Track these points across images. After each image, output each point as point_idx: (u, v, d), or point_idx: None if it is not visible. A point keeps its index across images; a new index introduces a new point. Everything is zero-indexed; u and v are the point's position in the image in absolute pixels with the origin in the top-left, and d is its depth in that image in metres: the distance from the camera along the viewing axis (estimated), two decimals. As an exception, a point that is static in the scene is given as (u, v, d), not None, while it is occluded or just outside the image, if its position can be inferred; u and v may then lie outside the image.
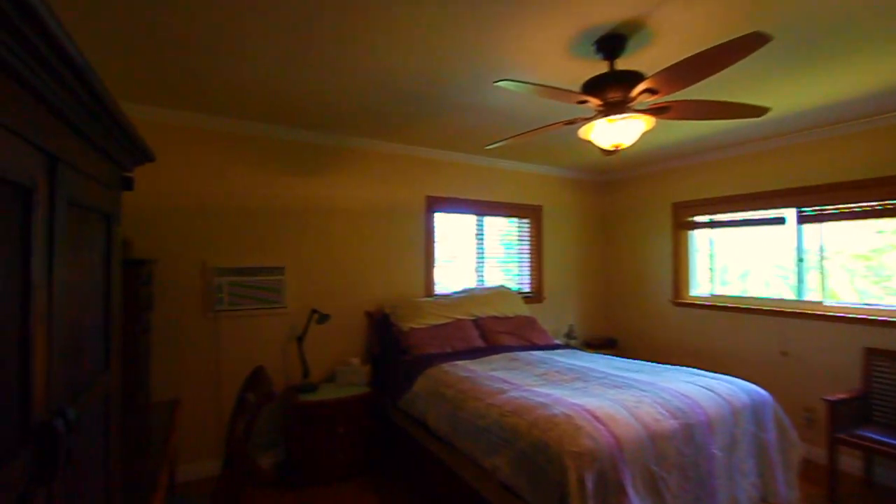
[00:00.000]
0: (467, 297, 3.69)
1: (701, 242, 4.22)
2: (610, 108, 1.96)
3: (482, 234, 4.26)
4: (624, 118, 1.91)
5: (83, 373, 0.91)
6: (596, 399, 2.08)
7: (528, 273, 4.53)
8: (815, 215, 3.38)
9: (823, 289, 3.35)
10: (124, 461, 1.62)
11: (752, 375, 3.57)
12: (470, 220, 4.23)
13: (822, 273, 3.36)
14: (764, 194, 3.64)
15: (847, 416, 2.81)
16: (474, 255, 4.22)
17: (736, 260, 4.03)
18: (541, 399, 2.09)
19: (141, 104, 2.81)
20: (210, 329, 3.05)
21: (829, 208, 3.29)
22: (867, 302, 3.18)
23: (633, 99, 1.90)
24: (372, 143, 3.65)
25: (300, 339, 3.17)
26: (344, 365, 3.28)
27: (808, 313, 3.35)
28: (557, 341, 3.92)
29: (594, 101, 1.91)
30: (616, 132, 1.96)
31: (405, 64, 2.26)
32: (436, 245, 3.98)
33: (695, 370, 2.71)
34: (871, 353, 3.00)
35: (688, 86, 1.72)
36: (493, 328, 3.50)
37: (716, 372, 3.74)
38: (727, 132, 3.40)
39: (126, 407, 2.22)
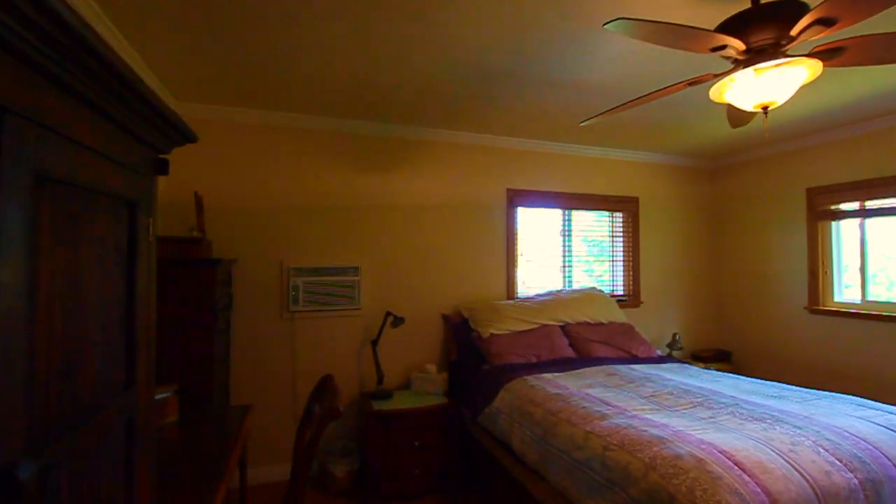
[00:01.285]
0: (553, 300, 3.29)
1: (848, 236, 3.41)
2: (757, 56, 1.48)
3: (569, 231, 3.82)
4: (779, 65, 1.43)
5: (85, 393, 0.72)
6: (732, 436, 1.61)
7: (622, 274, 3.99)
8: None
9: None
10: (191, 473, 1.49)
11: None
12: (555, 215, 3.81)
13: None
14: (947, 173, 2.81)
15: None
16: (560, 253, 3.79)
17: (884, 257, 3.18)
18: (656, 431, 1.66)
19: (213, 104, 2.79)
20: (286, 330, 2.98)
21: None
22: None
23: (794, 39, 1.41)
24: (449, 135, 3.39)
25: (374, 343, 2.99)
26: (420, 372, 3.05)
27: None
28: (660, 352, 3.37)
29: (736, 46, 1.44)
30: (766, 87, 1.48)
31: (479, 38, 1.97)
32: (518, 243, 3.62)
33: (861, 400, 2.08)
34: None
35: (887, 6, 1.21)
36: (584, 336, 3.06)
37: (872, 399, 3.00)
38: (887, 95, 2.65)
39: (203, 411, 2.18)
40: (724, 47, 1.46)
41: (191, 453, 1.70)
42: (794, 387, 2.32)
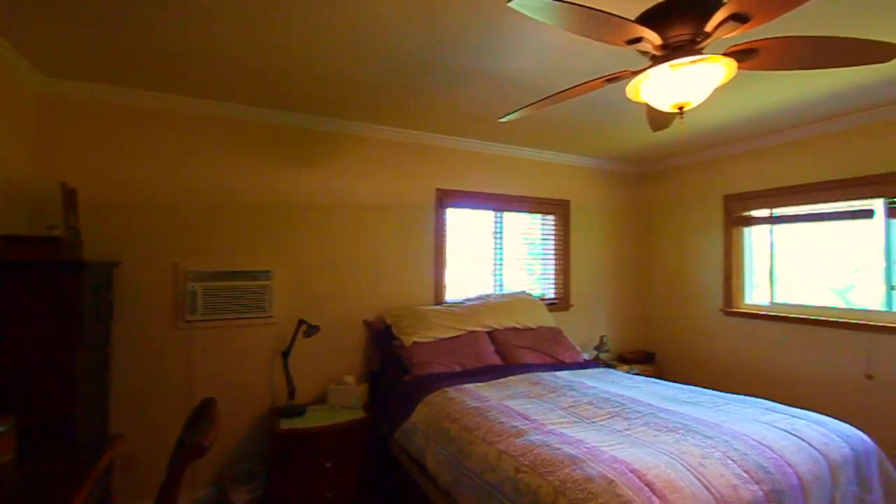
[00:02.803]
0: (482, 305, 3.17)
1: (759, 241, 3.58)
2: (674, 52, 1.41)
3: (501, 233, 3.73)
4: (695, 62, 1.36)
5: None
6: (645, 451, 1.53)
7: (553, 277, 3.97)
8: (915, 208, 2.72)
9: (924, 299, 2.70)
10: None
11: (826, 404, 2.95)
12: (487, 216, 3.70)
13: (922, 280, 2.71)
14: (843, 182, 2.99)
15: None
16: (492, 256, 3.69)
17: (805, 262, 3.37)
18: (570, 449, 1.55)
19: (93, 81, 2.39)
20: (181, 342, 2.63)
21: (934, 199, 2.64)
22: None
23: (709, 35, 1.35)
24: (373, 129, 3.17)
25: (285, 354, 2.71)
26: (337, 384, 2.82)
27: (902, 329, 2.70)
28: (586, 356, 3.35)
29: (653, 39, 1.36)
30: (681, 85, 1.41)
31: (399, 23, 1.79)
32: (447, 245, 3.47)
33: (768, 403, 2.12)
34: None
35: (797, 4, 1.16)
36: (511, 342, 2.97)
37: (781, 398, 3.14)
38: (798, 107, 2.77)
39: (54, 445, 1.82)
40: (640, 40, 1.37)
41: (24, 499, 1.38)
42: (708, 391, 2.34)
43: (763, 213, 3.49)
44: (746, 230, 3.63)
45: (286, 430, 2.39)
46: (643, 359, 4.04)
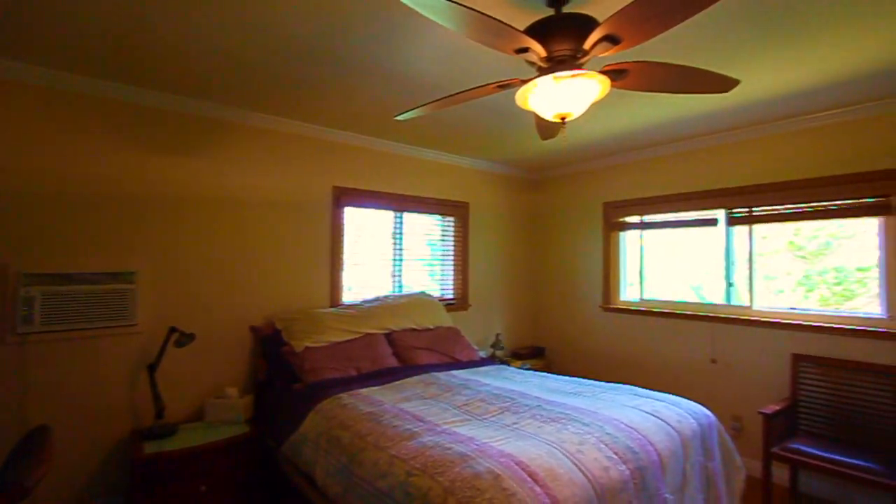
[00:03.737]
0: (380, 306, 3.11)
1: (631, 244, 4.02)
2: (557, 65, 1.50)
3: (401, 234, 3.70)
4: (574, 76, 1.46)
5: None
6: (530, 443, 1.61)
7: (452, 278, 4.04)
8: (744, 217, 3.25)
9: (752, 293, 3.23)
10: None
11: (683, 385, 3.40)
12: (387, 216, 3.65)
13: (750, 277, 3.24)
14: (695, 194, 3.48)
15: (779, 427, 2.65)
16: (391, 256, 3.64)
17: (667, 263, 3.85)
18: (461, 447, 1.57)
19: None
20: (13, 360, 2.17)
21: (758, 210, 3.18)
22: (793, 306, 3.09)
23: (587, 53, 1.46)
24: (267, 120, 2.94)
25: (152, 368, 2.39)
26: (217, 397, 2.55)
27: (736, 318, 3.21)
28: (483, 354, 3.46)
29: (538, 51, 1.43)
30: (563, 96, 1.50)
31: (292, 6, 1.68)
32: (345, 245, 3.35)
33: (636, 389, 2.37)
34: (799, 360, 2.89)
35: (658, 31, 1.30)
36: (409, 343, 2.95)
37: (647, 383, 3.53)
38: (662, 126, 3.16)
39: None
40: (527, 50, 1.44)
41: None
42: (588, 381, 2.55)
43: (635, 219, 3.92)
44: (622, 234, 4.04)
45: (151, 454, 2.10)
46: (534, 354, 4.29)
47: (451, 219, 4.05)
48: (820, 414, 2.76)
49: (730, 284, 3.35)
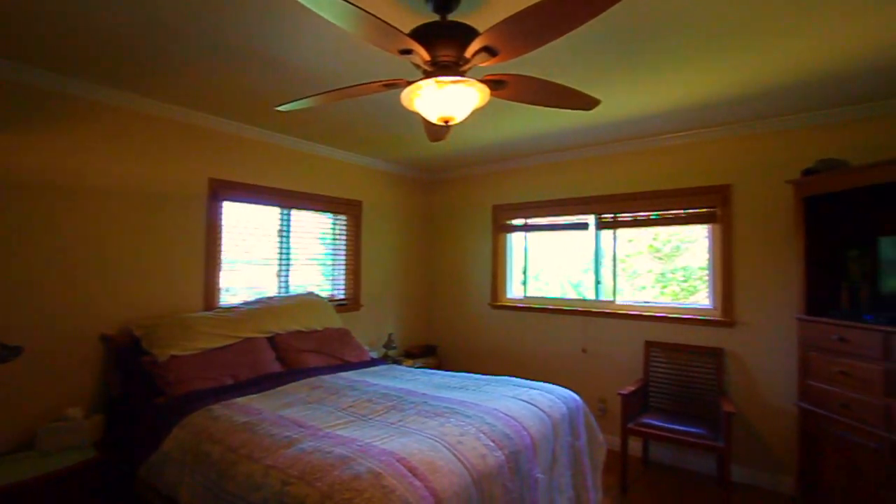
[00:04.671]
0: (262, 308, 2.91)
1: (517, 245, 4.29)
2: (440, 69, 1.55)
3: (288, 232, 3.51)
4: (456, 82, 1.51)
5: None
6: (413, 439, 1.64)
7: (344, 277, 3.94)
8: (610, 222, 3.67)
9: (615, 289, 3.66)
10: None
11: (559, 374, 3.73)
12: (272, 213, 3.43)
13: (614, 275, 3.67)
14: (570, 200, 3.84)
15: (634, 405, 3.03)
16: (277, 256, 3.44)
17: (547, 262, 4.19)
18: (342, 450, 1.54)
19: None
20: None
21: (621, 216, 3.61)
22: (647, 300, 3.57)
23: (468, 61, 1.52)
24: (130, 99, 2.59)
25: (-40, 388, 1.95)
26: (54, 421, 2.17)
27: (602, 312, 3.62)
28: (374, 355, 3.44)
29: (422, 54, 1.46)
30: (446, 101, 1.55)
31: None
32: (223, 243, 3.07)
33: (516, 381, 2.53)
34: (650, 346, 3.35)
35: (532, 47, 1.41)
36: (294, 346, 2.81)
37: (530, 374, 3.81)
38: (542, 137, 3.43)
39: None
40: (411, 52, 1.46)
41: None
42: (474, 376, 2.66)
43: (520, 221, 4.20)
44: (509, 236, 4.30)
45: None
46: (426, 352, 4.37)
47: (343, 217, 3.95)
48: (665, 391, 3.22)
49: (598, 282, 3.75)
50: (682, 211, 3.35)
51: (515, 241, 4.30)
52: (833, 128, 2.78)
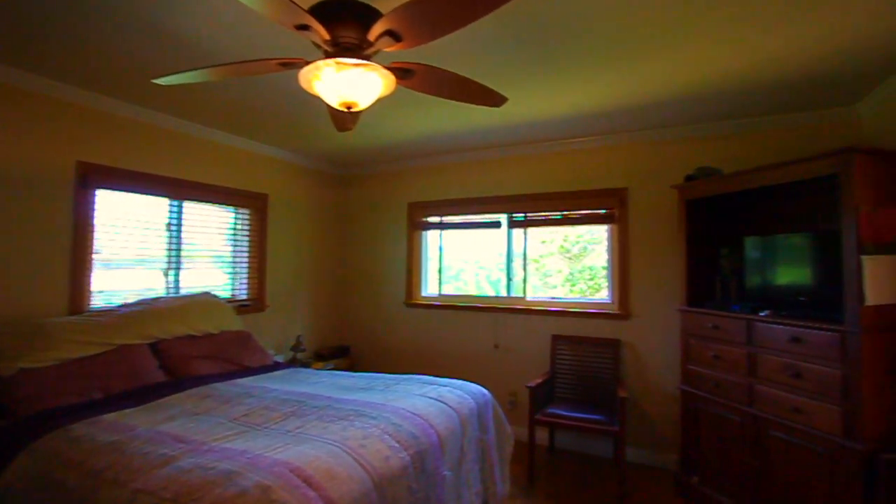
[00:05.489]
0: (145, 311, 2.58)
1: (432, 243, 4.28)
2: (341, 51, 1.45)
3: (179, 225, 3.16)
4: (358, 66, 1.43)
5: None
6: (310, 446, 1.52)
7: (247, 276, 3.65)
8: (522, 221, 3.79)
9: (525, 286, 3.79)
10: None
11: (473, 370, 3.77)
12: (160, 204, 3.07)
13: (524, 272, 3.80)
14: (485, 199, 3.90)
15: (541, 397, 3.15)
16: (165, 252, 3.08)
17: (465, 261, 4.23)
18: (228, 465, 1.38)
19: None
20: None
21: (531, 215, 3.75)
22: (554, 297, 3.75)
23: (371, 44, 1.45)
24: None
25: None
26: None
27: (513, 308, 3.73)
28: (279, 358, 3.22)
29: (321, 32, 1.36)
30: (347, 85, 1.46)
31: None
32: (96, 237, 2.68)
33: (427, 378, 2.50)
34: (556, 339, 3.51)
35: (435, 35, 1.37)
36: (183, 353, 2.52)
37: (444, 371, 3.81)
38: (456, 135, 3.45)
39: None
40: (308, 28, 1.35)
41: None
42: (384, 375, 2.58)
43: (436, 219, 4.20)
44: (424, 233, 4.28)
45: None
46: (339, 353, 4.20)
47: (247, 211, 3.66)
48: (569, 382, 3.39)
49: (509, 279, 3.86)
50: (585, 212, 3.56)
51: (431, 239, 4.28)
52: (712, 139, 3.12)
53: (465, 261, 4.20)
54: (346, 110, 1.55)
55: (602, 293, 3.60)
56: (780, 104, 2.73)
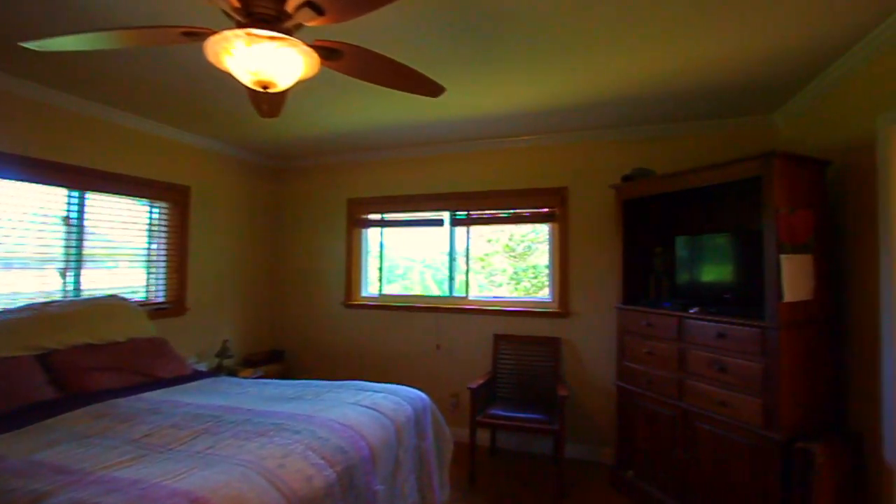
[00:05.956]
0: (33, 317, 2.23)
1: (373, 241, 4.12)
2: (256, 22, 1.29)
3: (80, 220, 2.79)
4: (273, 39, 1.27)
5: None
6: (218, 470, 1.34)
7: (165, 277, 3.31)
8: (465, 219, 3.73)
9: (467, 286, 3.73)
10: None
11: (413, 372, 3.67)
12: (56, 195, 2.69)
13: (467, 271, 3.74)
14: (427, 196, 3.80)
15: (482, 397, 3.11)
16: (62, 250, 2.70)
17: (403, 259, 4.10)
18: (116, 497, 1.18)
19: None
20: None
21: (474, 213, 3.69)
22: (497, 296, 3.72)
23: (290, 16, 1.29)
24: None
25: None
26: None
27: (456, 308, 3.66)
28: (202, 367, 2.93)
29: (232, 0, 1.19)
30: (262, 61, 1.30)
31: None
32: (-31, 229, 2.29)
33: (361, 384, 2.35)
34: (498, 339, 3.48)
35: (364, 9, 1.24)
36: (80, 364, 2.20)
37: (384, 374, 3.68)
38: (397, 128, 3.32)
39: None
40: (213, -8, 1.18)
41: None
42: (316, 382, 2.41)
43: (377, 216, 4.04)
44: (364, 231, 4.10)
45: None
46: (272, 359, 3.94)
47: (165, 205, 3.31)
48: (511, 381, 3.37)
49: (451, 278, 3.79)
50: (527, 210, 3.55)
51: (372, 236, 4.12)
52: (648, 141, 3.21)
53: (412, 259, 4.08)
54: (261, 90, 1.38)
55: (544, 292, 3.61)
56: (708, 110, 2.85)
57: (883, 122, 1.91)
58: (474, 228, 3.75)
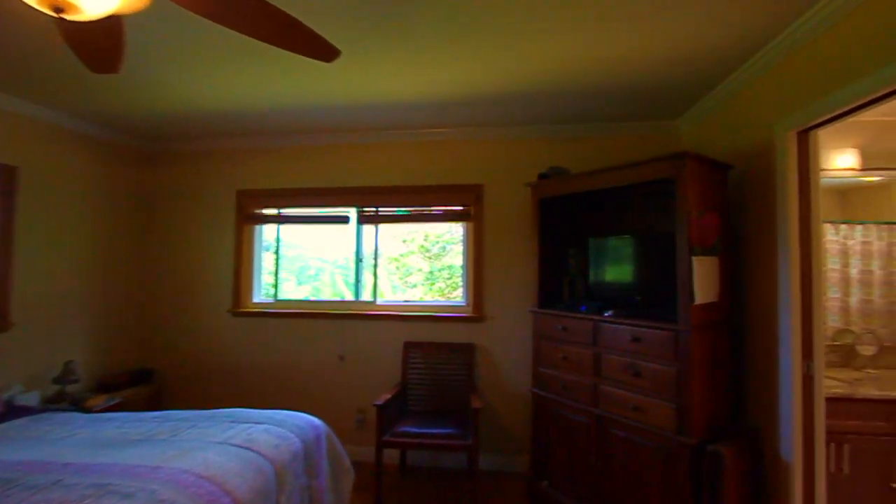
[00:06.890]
0: None
1: (268, 239, 3.61)
2: None
3: None
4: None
5: None
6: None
7: (-24, 281, 2.54)
8: (372, 216, 3.39)
9: (375, 289, 3.40)
10: None
11: (313, 388, 3.26)
12: None
13: (375, 273, 3.41)
14: (332, 190, 3.40)
15: (392, 413, 2.81)
16: None
17: (303, 260, 3.65)
18: None
19: None
20: None
21: (383, 210, 3.38)
22: (407, 299, 3.44)
23: None
24: None
25: None
26: None
27: (362, 314, 3.31)
28: (28, 398, 2.27)
29: None
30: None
31: None
32: None
33: (238, 413, 1.93)
34: (408, 346, 3.20)
35: None
36: None
37: (279, 392, 3.21)
38: (292, 110, 2.88)
39: None
40: None
41: None
42: (176, 415, 1.93)
43: (272, 211, 3.54)
44: (258, 228, 3.58)
45: None
46: (136, 380, 3.26)
47: (-24, 189, 2.55)
48: (422, 393, 3.10)
49: (358, 281, 3.43)
50: (441, 208, 3.32)
51: (267, 234, 3.61)
52: (564, 141, 3.13)
53: (323, 260, 3.64)
54: (55, 15, 0.95)
55: (458, 292, 3.40)
56: (621, 113, 2.84)
57: (780, 128, 1.95)
58: (383, 227, 3.43)
